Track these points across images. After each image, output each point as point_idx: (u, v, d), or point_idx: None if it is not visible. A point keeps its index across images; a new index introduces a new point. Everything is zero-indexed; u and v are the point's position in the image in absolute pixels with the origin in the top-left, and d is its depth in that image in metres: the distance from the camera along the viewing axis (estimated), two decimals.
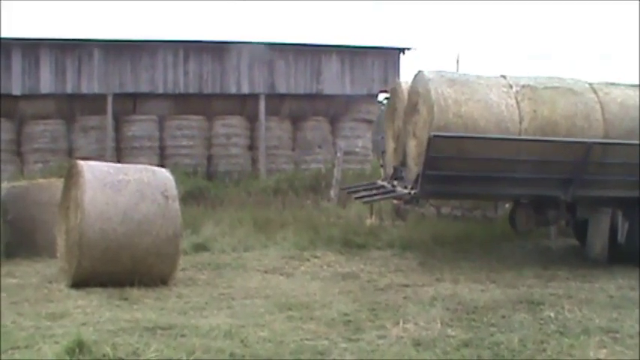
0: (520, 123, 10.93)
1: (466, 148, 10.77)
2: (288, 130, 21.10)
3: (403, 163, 12.02)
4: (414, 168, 11.45)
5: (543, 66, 35.35)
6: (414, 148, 11.45)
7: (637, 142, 10.96)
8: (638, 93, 11.57)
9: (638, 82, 12.05)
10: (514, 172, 11.00)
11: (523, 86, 11.20)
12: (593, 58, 37.73)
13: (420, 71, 11.51)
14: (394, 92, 13.19)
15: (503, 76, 11.53)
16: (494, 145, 10.81)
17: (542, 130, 10.94)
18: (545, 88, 11.22)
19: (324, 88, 21.20)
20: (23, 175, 17.33)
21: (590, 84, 11.61)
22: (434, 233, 13.29)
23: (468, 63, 38.06)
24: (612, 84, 11.75)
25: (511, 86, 11.21)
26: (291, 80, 21.02)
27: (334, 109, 21.39)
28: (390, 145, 13.18)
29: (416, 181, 11.20)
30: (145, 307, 8.01)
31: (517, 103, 11.02)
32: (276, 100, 20.99)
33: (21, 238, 11.38)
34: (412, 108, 11.53)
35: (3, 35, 18.57)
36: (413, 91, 11.53)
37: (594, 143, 10.86)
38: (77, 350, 5.95)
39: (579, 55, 38.91)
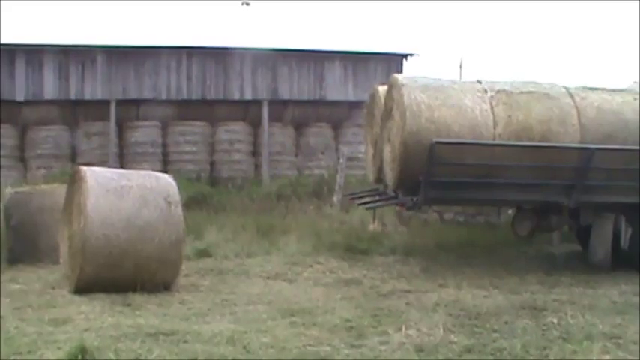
0: (494, 128, 10.88)
1: (468, 155, 10.76)
2: (291, 136, 21.12)
3: (381, 169, 12.03)
4: (389, 174, 11.45)
5: (546, 69, 35.29)
6: (388, 154, 11.44)
7: (637, 147, 10.92)
8: (615, 97, 11.46)
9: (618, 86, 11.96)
10: (516, 178, 10.98)
11: (498, 91, 11.10)
12: (596, 59, 37.68)
13: (393, 76, 11.51)
14: (372, 98, 13.19)
15: (479, 81, 11.49)
16: (495, 151, 10.80)
17: (517, 135, 10.84)
18: (521, 92, 11.12)
19: (327, 94, 21.21)
20: (26, 181, 17.36)
21: (566, 88, 11.48)
22: (437, 239, 13.29)
23: (472, 68, 37.97)
24: (590, 88, 11.64)
25: (486, 91, 11.16)
26: (294, 86, 21.04)
27: (337, 115, 21.40)
28: (370, 151, 13.19)
29: (394, 186, 11.23)
30: (147, 313, 8.02)
31: (491, 108, 10.97)
32: (279, 106, 21.00)
33: (24, 243, 11.39)
34: (388, 114, 11.54)
35: (7, 41, 18.60)
36: (388, 96, 11.53)
37: (597, 149, 10.83)
38: (80, 356, 5.96)
39: (583, 58, 38.81)
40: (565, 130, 11.02)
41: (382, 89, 12.37)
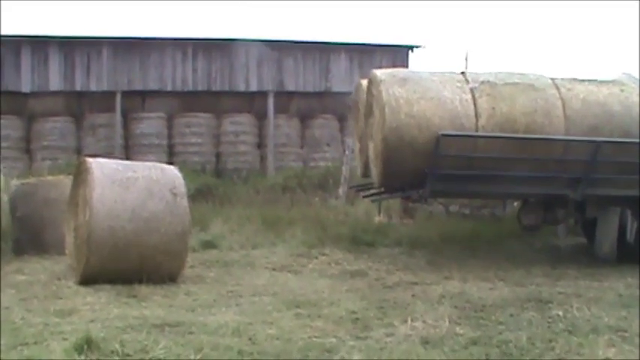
0: (477, 119, 10.78)
1: (474, 147, 10.74)
2: (296, 127, 21.12)
3: (367, 164, 12.00)
4: (374, 170, 11.41)
5: (553, 61, 35.30)
6: (372, 150, 11.40)
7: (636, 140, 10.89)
8: (601, 89, 11.35)
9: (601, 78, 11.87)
10: (522, 171, 10.95)
11: (482, 82, 10.99)
12: (603, 51, 37.61)
13: (372, 72, 11.44)
14: (356, 92, 13.04)
15: (463, 73, 11.42)
16: (501, 143, 10.77)
17: (501, 127, 10.74)
18: (505, 84, 11.01)
19: (332, 86, 21.20)
20: (32, 173, 17.37)
21: (552, 79, 11.37)
22: (442, 231, 13.27)
23: (478, 60, 37.96)
24: (575, 79, 11.53)
25: (467, 81, 11.10)
26: (299, 78, 21.04)
27: (343, 107, 21.35)
28: (357, 145, 13.14)
29: (379, 183, 11.25)
30: (153, 304, 8.02)
31: (473, 98, 10.89)
32: (284, 97, 21.00)
33: (30, 235, 11.41)
34: (369, 110, 11.50)
35: (12, 33, 18.62)
36: (369, 92, 11.48)
37: (603, 142, 10.79)
38: (85, 347, 5.95)
39: (590, 50, 38.80)
40: (550, 121, 10.91)
41: (365, 83, 12.27)
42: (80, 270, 9.12)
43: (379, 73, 11.25)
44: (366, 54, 21.37)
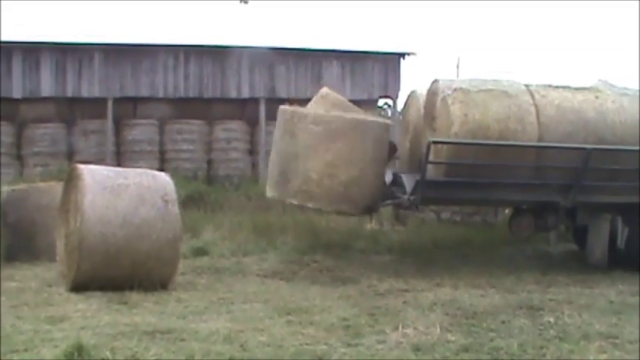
0: (450, 127, 10.74)
1: (465, 154, 10.76)
2: None
3: None
4: None
5: (544, 67, 35.43)
6: None
7: (636, 147, 10.92)
8: (576, 95, 11.35)
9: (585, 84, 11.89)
10: (514, 178, 10.97)
11: (455, 89, 10.94)
12: (595, 59, 37.74)
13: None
14: None
15: (435, 80, 11.41)
16: (493, 151, 10.79)
17: (474, 133, 10.69)
18: (479, 90, 10.95)
19: None
20: (23, 179, 17.31)
21: (526, 86, 11.35)
22: (433, 238, 13.30)
23: (469, 67, 37.97)
24: (550, 86, 11.52)
25: (442, 91, 11.18)
26: (291, 85, 21.02)
27: None
28: None
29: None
30: (144, 311, 8.01)
31: (445, 105, 10.90)
32: (276, 104, 20.80)
33: (21, 241, 11.38)
34: None
35: (4, 38, 18.58)
36: None
37: (593, 149, 10.82)
38: (76, 354, 5.94)
39: (581, 57, 38.91)
40: (523, 127, 10.87)
41: None
42: (71, 276, 9.10)
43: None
44: (358, 61, 21.37)
